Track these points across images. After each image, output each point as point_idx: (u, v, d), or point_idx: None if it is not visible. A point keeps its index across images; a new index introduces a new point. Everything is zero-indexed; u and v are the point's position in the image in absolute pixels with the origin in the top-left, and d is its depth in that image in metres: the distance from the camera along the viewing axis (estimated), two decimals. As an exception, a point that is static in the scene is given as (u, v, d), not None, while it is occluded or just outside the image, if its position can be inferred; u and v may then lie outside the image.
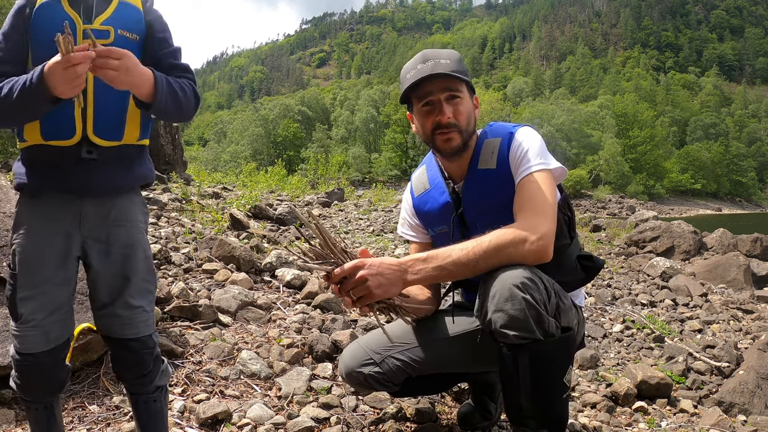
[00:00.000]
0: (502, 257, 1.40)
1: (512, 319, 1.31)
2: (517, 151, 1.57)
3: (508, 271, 1.36)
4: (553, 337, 1.36)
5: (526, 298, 1.31)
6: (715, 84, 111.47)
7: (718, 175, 65.03)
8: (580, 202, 37.20)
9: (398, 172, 52.54)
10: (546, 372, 1.36)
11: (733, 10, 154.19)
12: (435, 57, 1.59)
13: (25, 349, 1.28)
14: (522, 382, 1.36)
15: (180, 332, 2.35)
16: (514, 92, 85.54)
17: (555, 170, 1.57)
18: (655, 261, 5.36)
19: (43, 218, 1.31)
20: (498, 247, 1.41)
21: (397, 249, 5.10)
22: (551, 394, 1.38)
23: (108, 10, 1.33)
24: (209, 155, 56.72)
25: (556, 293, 1.44)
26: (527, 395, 1.37)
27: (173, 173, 8.52)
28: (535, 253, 1.41)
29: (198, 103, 1.44)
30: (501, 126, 1.67)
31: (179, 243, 3.81)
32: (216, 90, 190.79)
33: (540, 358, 1.34)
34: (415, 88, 1.60)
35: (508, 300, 1.32)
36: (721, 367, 2.71)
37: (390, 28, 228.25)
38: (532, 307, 1.31)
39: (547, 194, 1.50)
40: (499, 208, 1.57)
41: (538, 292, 1.34)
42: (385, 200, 11.27)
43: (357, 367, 1.73)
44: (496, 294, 1.34)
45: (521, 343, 1.33)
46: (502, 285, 1.34)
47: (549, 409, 1.39)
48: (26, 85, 1.18)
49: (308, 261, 1.40)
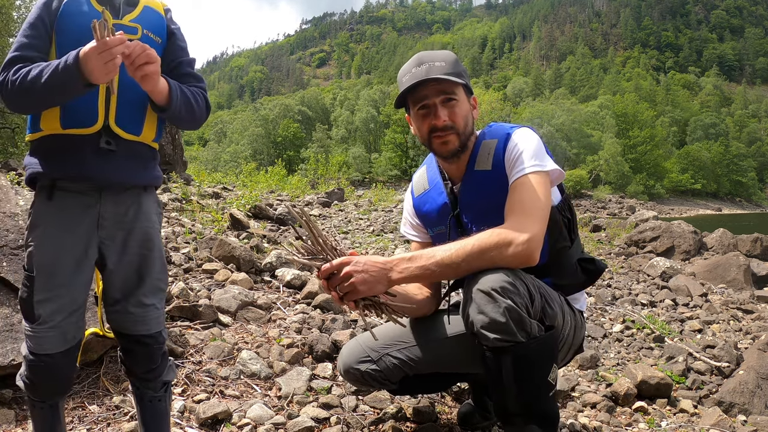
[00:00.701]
0: (486, 260, 1.40)
1: (492, 323, 1.32)
2: (512, 153, 1.56)
3: (489, 275, 1.36)
4: (536, 338, 1.36)
5: (505, 302, 1.32)
6: (715, 84, 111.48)
7: (718, 175, 65.01)
8: (580, 202, 37.22)
9: (398, 172, 52.55)
10: (529, 372, 1.37)
11: (733, 10, 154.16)
12: (430, 60, 1.58)
13: (42, 350, 1.29)
14: (506, 383, 1.37)
15: (180, 332, 2.35)
16: (514, 92, 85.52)
17: (552, 172, 1.54)
18: (655, 261, 5.36)
19: (61, 220, 1.30)
20: (481, 250, 1.40)
21: (397, 249, 5.10)
22: (536, 393, 1.39)
23: (135, 11, 1.39)
24: (209, 155, 56.75)
25: (541, 294, 1.44)
26: (512, 396, 1.38)
27: (173, 173, 8.53)
28: (519, 256, 1.40)
29: (209, 112, 1.49)
30: (499, 127, 1.66)
31: (179, 243, 3.81)
32: (216, 90, 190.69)
33: (522, 359, 1.35)
34: (411, 92, 1.60)
35: (488, 303, 1.33)
36: (721, 367, 2.71)
37: (390, 28, 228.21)
38: (513, 311, 1.32)
39: (539, 196, 1.47)
40: (495, 210, 1.56)
41: (518, 296, 1.34)
42: (385, 200, 11.27)
43: (354, 364, 1.73)
44: (476, 297, 1.35)
45: (503, 346, 1.33)
46: (481, 288, 1.35)
47: (535, 407, 1.39)
48: (59, 68, 1.19)
49: (299, 257, 1.45)
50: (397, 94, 1.64)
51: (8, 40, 11.44)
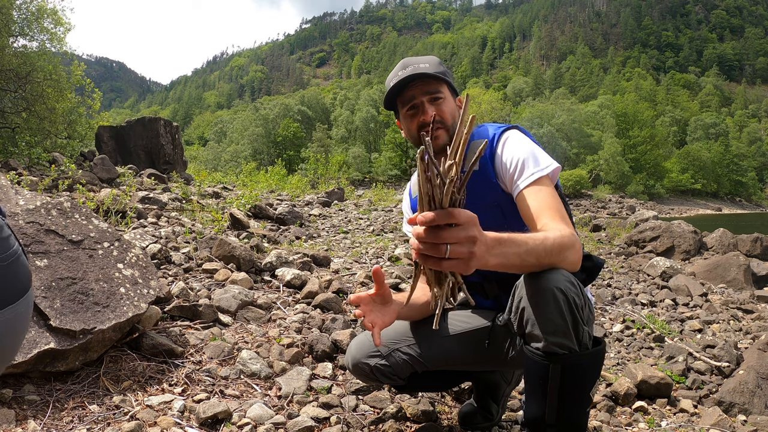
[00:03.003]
0: (559, 259, 1.30)
1: (551, 324, 1.26)
2: (509, 158, 1.55)
3: (553, 274, 1.28)
4: (587, 348, 1.30)
5: (569, 302, 1.25)
6: (715, 84, 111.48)
7: (718, 175, 64.95)
8: (580, 202, 37.20)
9: (398, 171, 52.49)
10: (576, 385, 1.31)
11: (733, 10, 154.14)
12: (414, 63, 1.65)
13: None
14: (549, 392, 1.31)
15: (180, 332, 2.35)
16: (514, 92, 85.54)
17: (552, 173, 1.55)
18: (655, 261, 5.36)
19: None
20: (561, 248, 1.30)
21: (397, 249, 5.10)
22: (577, 408, 1.34)
23: None
24: (209, 155, 56.75)
25: (586, 302, 1.38)
26: (552, 406, 1.32)
27: (173, 173, 8.52)
28: (579, 260, 1.36)
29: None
30: (486, 128, 1.68)
31: (179, 242, 3.82)
32: (216, 90, 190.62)
33: (573, 370, 1.29)
34: (398, 94, 1.66)
35: (549, 303, 1.26)
36: (721, 367, 2.70)
37: (390, 28, 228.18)
38: (572, 314, 1.26)
39: (559, 201, 1.48)
40: (484, 210, 1.54)
41: (579, 298, 1.28)
42: (385, 200, 11.26)
43: (363, 358, 1.72)
44: (539, 295, 1.27)
45: (556, 352, 1.28)
46: (546, 287, 1.27)
47: (571, 421, 1.35)
48: None
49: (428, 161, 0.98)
50: (384, 98, 1.70)
51: (8, 40, 11.43)
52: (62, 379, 1.91)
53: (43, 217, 2.18)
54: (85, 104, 13.62)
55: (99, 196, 4.96)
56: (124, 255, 2.29)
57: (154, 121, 13.42)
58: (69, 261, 2.08)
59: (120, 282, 2.15)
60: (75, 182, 6.34)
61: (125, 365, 2.04)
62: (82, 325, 1.90)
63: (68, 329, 1.86)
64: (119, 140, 13.36)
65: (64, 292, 1.97)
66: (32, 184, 5.67)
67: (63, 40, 12.49)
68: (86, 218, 2.34)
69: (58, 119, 12.02)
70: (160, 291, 2.33)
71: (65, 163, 7.79)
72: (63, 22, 12.41)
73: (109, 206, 4.43)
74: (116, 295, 2.08)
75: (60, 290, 1.96)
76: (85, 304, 1.98)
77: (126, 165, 10.84)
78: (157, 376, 2.02)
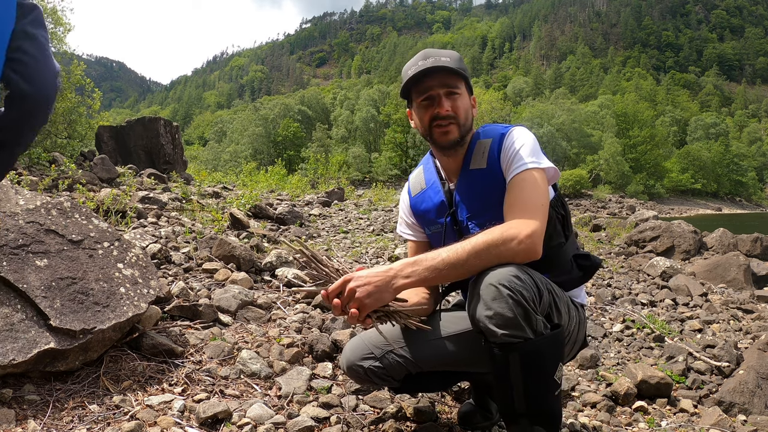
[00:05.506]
0: (492, 255, 1.40)
1: (500, 318, 1.32)
2: (509, 150, 1.59)
3: (497, 270, 1.37)
4: (543, 335, 1.36)
5: (513, 296, 1.31)
6: (715, 84, 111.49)
7: (718, 175, 64.93)
8: (580, 202, 37.21)
9: (398, 171, 52.48)
10: (537, 370, 1.37)
11: (733, 9, 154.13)
12: (436, 55, 1.63)
13: None
14: (513, 381, 1.36)
15: (180, 332, 2.35)
16: (514, 92, 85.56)
17: (548, 170, 1.58)
18: (655, 261, 5.36)
19: None
20: (487, 245, 1.41)
21: (397, 249, 5.10)
22: (543, 392, 1.39)
23: None
24: (209, 155, 56.76)
25: (549, 291, 1.45)
26: (519, 394, 1.37)
27: (173, 173, 8.52)
28: (524, 251, 1.41)
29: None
30: (494, 127, 1.71)
31: (179, 242, 3.82)
32: (216, 89, 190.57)
33: (530, 356, 1.34)
34: (416, 83, 1.64)
35: (495, 299, 1.32)
36: (721, 367, 2.70)
37: (390, 28, 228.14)
38: (520, 306, 1.31)
39: (538, 192, 1.51)
40: (491, 207, 1.60)
41: (526, 290, 1.34)
42: (385, 200, 11.26)
43: (357, 360, 1.73)
44: (484, 292, 1.35)
45: (511, 342, 1.33)
46: (489, 283, 1.34)
47: (541, 407, 1.39)
48: None
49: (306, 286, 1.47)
50: (402, 85, 1.68)
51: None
52: (62, 378, 1.91)
53: (43, 217, 2.18)
54: (85, 104, 13.59)
55: (99, 195, 4.96)
56: (124, 255, 2.29)
57: (154, 121, 13.41)
58: (69, 261, 2.08)
59: (120, 282, 2.15)
60: (75, 182, 6.34)
61: (125, 365, 2.04)
62: (82, 324, 1.90)
63: (68, 329, 1.86)
64: (119, 140, 13.35)
65: (64, 291, 1.97)
66: (32, 183, 5.67)
67: (63, 40, 12.49)
68: (86, 218, 2.33)
69: (58, 119, 12.01)
70: (160, 291, 2.33)
71: (65, 163, 7.78)
72: (63, 22, 12.41)
73: (109, 206, 4.43)
74: (116, 295, 2.08)
75: (60, 290, 1.96)
76: (85, 303, 1.98)
77: (126, 165, 10.83)
78: (157, 375, 2.02)
